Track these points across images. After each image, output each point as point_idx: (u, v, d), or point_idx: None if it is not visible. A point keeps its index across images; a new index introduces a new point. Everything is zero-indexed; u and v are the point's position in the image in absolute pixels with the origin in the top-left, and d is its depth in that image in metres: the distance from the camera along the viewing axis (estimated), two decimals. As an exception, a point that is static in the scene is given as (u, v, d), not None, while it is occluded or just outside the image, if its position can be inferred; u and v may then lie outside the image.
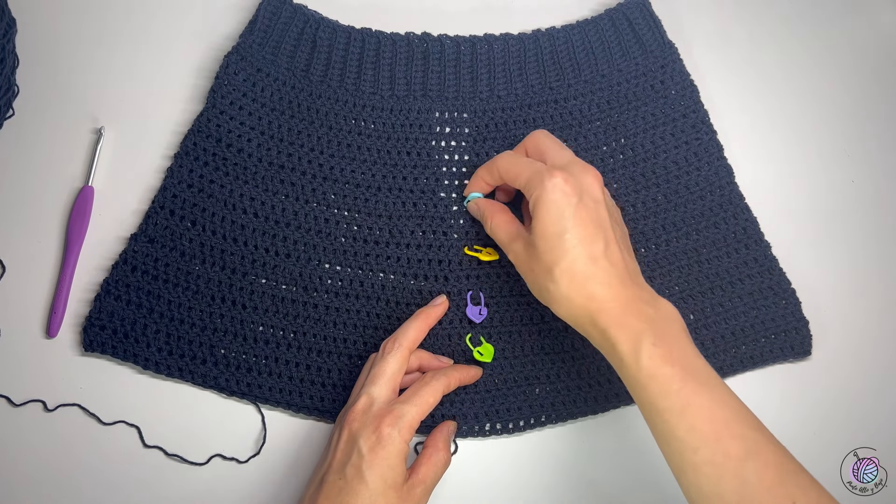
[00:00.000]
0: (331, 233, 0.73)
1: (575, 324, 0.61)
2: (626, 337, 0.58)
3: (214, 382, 0.70)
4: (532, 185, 0.62)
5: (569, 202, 0.60)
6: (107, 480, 0.69)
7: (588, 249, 0.60)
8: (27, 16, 0.79)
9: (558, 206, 0.60)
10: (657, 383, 0.56)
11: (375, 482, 0.59)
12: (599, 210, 0.62)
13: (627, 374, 0.58)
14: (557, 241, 0.60)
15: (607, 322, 0.58)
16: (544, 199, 0.61)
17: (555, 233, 0.60)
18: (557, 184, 0.61)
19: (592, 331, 0.60)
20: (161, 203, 0.72)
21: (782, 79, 0.82)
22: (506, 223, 0.66)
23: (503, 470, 0.71)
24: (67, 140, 0.77)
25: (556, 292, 0.60)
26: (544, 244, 0.60)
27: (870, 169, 0.79)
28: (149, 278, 0.71)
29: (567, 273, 0.59)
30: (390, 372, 0.65)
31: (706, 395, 0.56)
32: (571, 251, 0.59)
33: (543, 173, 0.62)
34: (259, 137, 0.74)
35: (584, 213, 0.61)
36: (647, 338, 0.57)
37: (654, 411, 0.57)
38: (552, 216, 0.60)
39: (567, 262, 0.59)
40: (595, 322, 0.59)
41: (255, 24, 0.75)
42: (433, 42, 0.76)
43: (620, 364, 0.58)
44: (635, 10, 0.77)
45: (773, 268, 0.74)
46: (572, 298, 0.59)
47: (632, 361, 0.57)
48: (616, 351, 0.58)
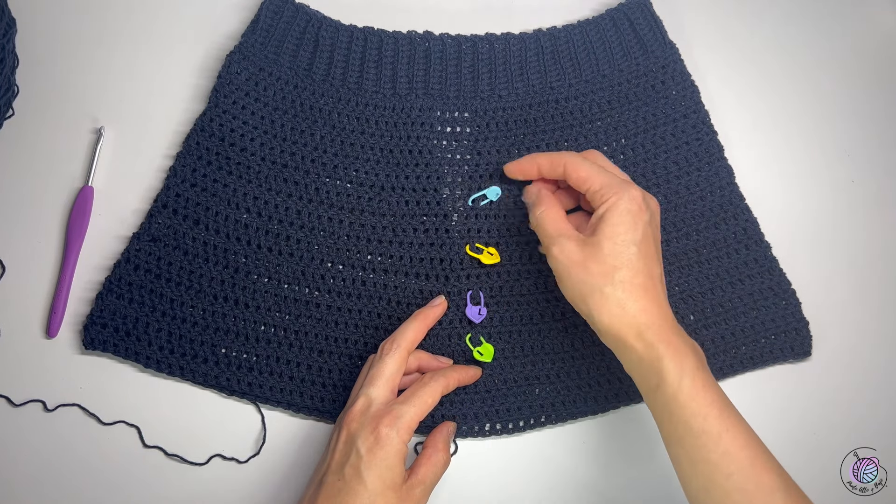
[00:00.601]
0: (333, 232, 0.73)
1: (616, 333, 0.60)
2: (673, 354, 0.58)
3: (215, 382, 0.70)
4: (608, 192, 0.62)
5: (642, 218, 0.61)
6: (107, 480, 0.69)
7: (650, 268, 0.61)
8: (27, 16, 0.79)
9: (633, 217, 0.61)
10: (697, 405, 0.57)
11: (374, 482, 0.59)
12: (658, 240, 0.64)
13: (666, 390, 0.58)
14: (625, 248, 0.60)
15: (657, 337, 0.59)
16: (621, 208, 0.61)
17: (625, 240, 0.60)
18: (636, 197, 0.62)
19: (636, 342, 0.59)
20: (164, 202, 0.72)
21: (783, 79, 0.82)
22: (559, 217, 0.65)
23: (503, 470, 0.71)
24: (67, 140, 0.77)
25: (613, 296, 0.60)
26: (611, 247, 0.60)
27: (870, 169, 0.80)
28: (151, 277, 0.71)
29: (629, 281, 0.60)
30: (388, 373, 0.65)
31: (740, 428, 0.57)
32: (636, 263, 0.60)
33: (625, 184, 0.62)
34: (261, 136, 0.74)
35: (651, 235, 0.62)
36: (692, 360, 0.58)
37: (686, 432, 0.57)
38: (626, 224, 0.61)
39: (630, 271, 0.60)
40: (642, 334, 0.59)
41: (258, 23, 0.76)
42: (435, 41, 0.76)
43: (660, 380, 0.58)
44: (636, 10, 0.77)
45: (773, 268, 0.74)
46: (626, 306, 0.59)
47: (675, 379, 0.57)
48: (659, 366, 0.58)
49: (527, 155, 0.70)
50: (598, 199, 0.63)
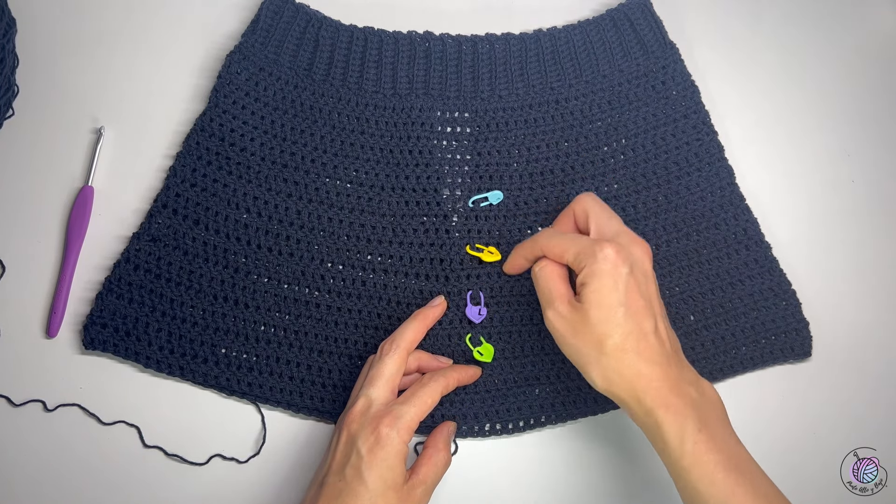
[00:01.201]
0: (333, 232, 0.73)
1: (616, 397, 0.60)
2: (672, 419, 0.57)
3: (215, 382, 0.70)
4: (582, 259, 0.61)
5: (620, 273, 0.60)
6: (107, 480, 0.69)
7: (640, 325, 0.59)
8: (27, 16, 0.79)
9: (612, 278, 0.59)
10: (700, 469, 0.56)
11: (375, 483, 0.59)
12: (649, 285, 0.62)
13: (670, 456, 0.57)
14: (611, 313, 0.59)
15: (654, 402, 0.58)
16: (597, 272, 0.60)
17: (608, 305, 0.59)
18: (609, 255, 0.60)
19: (636, 408, 0.59)
20: (164, 202, 0.72)
21: (783, 79, 0.82)
22: (556, 277, 0.64)
23: (503, 470, 0.71)
24: (67, 140, 0.77)
25: (606, 365, 0.59)
26: (597, 314, 0.59)
27: (870, 169, 0.80)
28: (151, 277, 0.71)
29: (619, 348, 0.59)
30: (388, 373, 0.65)
31: (749, 486, 0.56)
32: (624, 325, 0.59)
33: (594, 246, 0.61)
34: (262, 136, 0.74)
35: (635, 287, 0.60)
36: (692, 422, 0.57)
37: (695, 495, 0.57)
38: (606, 288, 0.59)
39: (620, 337, 0.59)
40: (641, 401, 0.58)
41: (258, 23, 0.76)
42: (435, 41, 0.76)
43: (664, 446, 0.58)
44: (636, 10, 0.77)
45: (773, 269, 0.74)
46: (621, 373, 0.59)
47: (676, 445, 0.57)
48: (661, 432, 0.57)
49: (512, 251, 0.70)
50: (577, 267, 0.62)
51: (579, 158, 0.75)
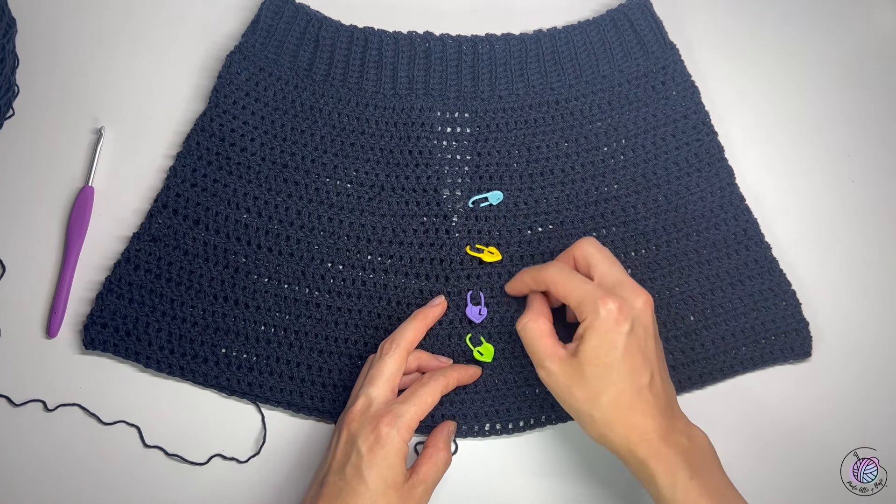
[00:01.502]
0: (333, 232, 0.73)
1: (610, 448, 0.61)
2: (664, 469, 0.58)
3: (215, 381, 0.70)
4: (584, 310, 0.61)
5: (621, 331, 0.60)
6: (107, 480, 0.69)
7: (636, 382, 0.60)
8: (27, 16, 0.79)
9: (611, 336, 0.60)
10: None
11: (375, 482, 0.59)
12: (648, 340, 0.62)
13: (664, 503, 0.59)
14: (606, 371, 0.59)
15: (646, 454, 0.58)
16: (597, 328, 0.60)
17: (605, 363, 0.60)
18: (611, 312, 0.60)
19: (630, 460, 0.60)
20: (164, 202, 0.72)
21: (783, 79, 0.82)
22: (542, 334, 0.64)
23: (503, 470, 0.71)
24: (67, 140, 0.77)
25: (600, 419, 0.60)
26: (592, 371, 0.60)
27: (870, 169, 0.80)
28: (151, 277, 0.71)
29: (613, 404, 0.59)
30: (388, 372, 0.65)
31: None
32: (619, 383, 0.59)
33: (598, 300, 0.60)
34: (262, 136, 0.74)
35: (635, 345, 0.60)
36: (683, 471, 0.58)
37: None
38: (604, 347, 0.60)
39: (614, 393, 0.59)
40: (634, 453, 0.59)
41: (258, 23, 0.76)
42: (435, 41, 0.76)
43: (658, 495, 0.59)
44: (636, 11, 0.77)
45: (773, 269, 0.74)
46: (614, 427, 0.59)
47: (669, 495, 0.58)
48: (654, 482, 0.58)
49: (518, 273, 0.69)
50: (578, 314, 0.62)
51: (579, 159, 0.75)
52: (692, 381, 0.71)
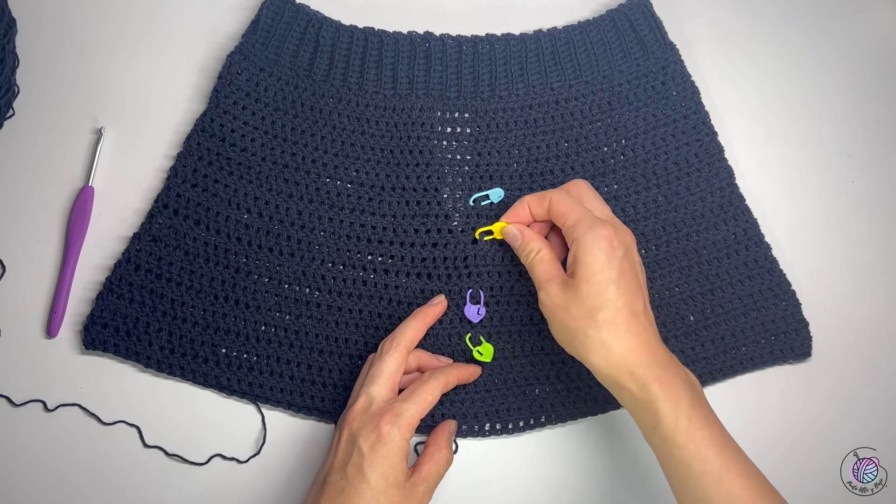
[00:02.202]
0: (333, 232, 0.73)
1: (608, 374, 0.60)
2: (667, 394, 0.58)
3: (216, 381, 0.70)
4: (580, 228, 0.62)
5: (615, 255, 0.60)
6: (107, 480, 0.69)
7: (631, 304, 0.60)
8: (27, 16, 0.79)
9: (607, 256, 0.60)
10: (696, 445, 0.57)
11: (377, 480, 0.59)
12: (638, 271, 0.63)
13: (663, 432, 0.58)
14: (603, 287, 0.60)
15: (648, 376, 0.58)
16: (592, 246, 0.60)
17: (601, 280, 0.60)
18: (606, 234, 0.61)
19: (629, 383, 0.59)
20: (164, 202, 0.72)
21: (783, 79, 0.82)
22: (550, 260, 0.65)
23: (503, 470, 0.71)
24: (67, 140, 0.77)
25: (596, 338, 0.59)
26: (589, 288, 0.60)
27: (870, 169, 0.80)
28: (152, 277, 0.71)
29: (610, 322, 0.59)
30: (388, 371, 0.65)
31: (739, 465, 0.57)
32: (616, 301, 0.59)
33: (594, 220, 0.62)
34: (262, 137, 0.74)
35: (628, 268, 0.61)
36: (686, 399, 0.58)
37: (687, 473, 0.57)
38: (600, 263, 0.60)
39: (611, 311, 0.59)
40: (634, 374, 0.58)
41: (258, 23, 0.76)
42: (435, 42, 0.76)
43: (657, 422, 0.58)
44: (636, 11, 0.78)
45: (773, 269, 0.74)
46: (612, 347, 0.59)
47: (671, 420, 0.57)
48: (654, 407, 0.58)
49: (517, 201, 0.69)
50: (570, 234, 0.63)
51: (579, 159, 0.75)
52: (692, 381, 0.72)
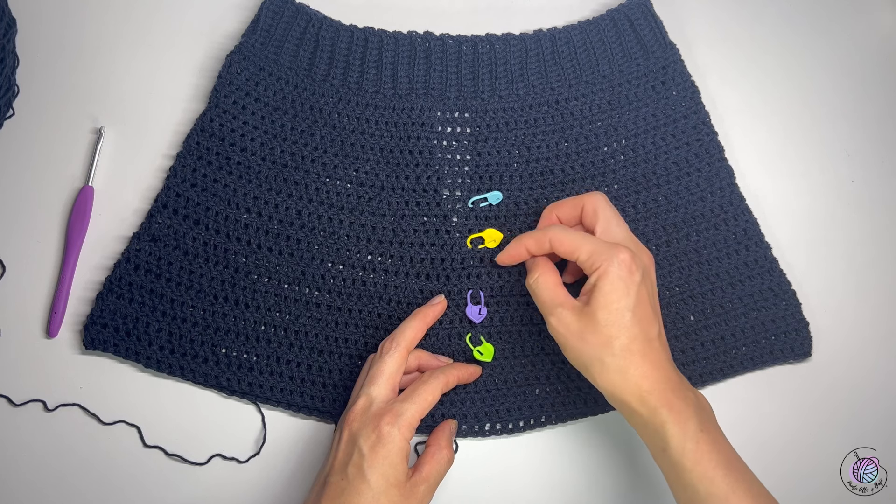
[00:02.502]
0: (333, 232, 0.73)
1: (620, 399, 0.61)
2: (675, 418, 0.58)
3: (216, 381, 0.70)
4: (597, 260, 0.62)
5: (633, 280, 0.61)
6: (107, 480, 0.69)
7: (647, 330, 0.61)
8: (27, 16, 0.79)
9: (625, 283, 0.60)
10: (703, 468, 0.58)
11: (377, 481, 0.59)
12: (654, 294, 0.63)
13: (671, 455, 0.58)
14: (620, 316, 0.60)
15: (658, 402, 0.59)
16: (611, 275, 0.61)
17: (619, 308, 0.60)
18: (625, 261, 0.61)
19: (640, 408, 0.60)
20: (164, 202, 0.72)
21: (783, 79, 0.82)
22: (554, 285, 0.65)
23: (503, 470, 0.71)
24: (67, 140, 0.77)
25: (612, 365, 0.60)
26: (606, 316, 0.60)
27: (870, 169, 0.80)
28: (151, 277, 0.70)
29: (626, 349, 0.60)
30: (388, 371, 0.65)
31: (746, 486, 0.58)
32: (632, 328, 0.60)
33: (611, 249, 0.62)
34: (262, 136, 0.74)
35: (646, 295, 0.62)
36: (694, 423, 0.59)
37: (694, 495, 0.58)
38: (618, 292, 0.60)
39: (627, 338, 0.60)
40: (645, 401, 0.59)
41: (258, 23, 0.76)
42: (435, 41, 0.76)
43: (665, 445, 0.59)
44: (637, 11, 0.78)
45: (773, 269, 0.74)
46: (626, 374, 0.60)
47: (678, 444, 0.58)
48: (664, 431, 0.58)
49: (513, 239, 0.69)
50: (588, 267, 0.62)
51: (579, 159, 0.75)
52: (692, 381, 0.71)
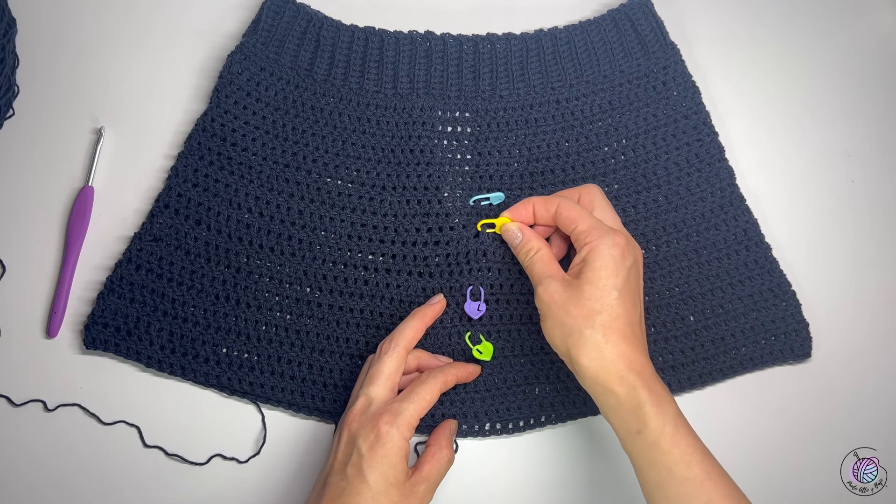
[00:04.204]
0: (334, 231, 0.73)
1: (595, 375, 0.60)
2: (655, 399, 0.58)
3: (216, 381, 0.70)
4: (591, 235, 0.62)
5: (624, 264, 0.61)
6: (107, 480, 0.69)
7: (630, 313, 0.61)
8: (27, 16, 0.79)
9: (615, 262, 0.61)
10: (680, 451, 0.57)
11: (377, 480, 0.59)
12: (641, 286, 0.64)
13: (648, 436, 0.58)
14: (606, 293, 0.60)
15: (637, 381, 0.59)
16: (603, 252, 0.61)
17: (606, 285, 0.60)
18: (619, 243, 0.62)
19: (617, 386, 0.59)
20: (165, 202, 0.72)
21: (783, 79, 0.83)
22: (549, 258, 0.65)
23: (503, 470, 0.71)
24: (67, 140, 0.77)
25: (592, 338, 0.60)
26: (593, 290, 0.60)
27: (870, 169, 0.80)
28: (153, 276, 0.70)
29: (607, 325, 0.60)
30: (387, 371, 0.65)
31: (721, 474, 0.58)
32: (616, 307, 0.60)
33: (607, 228, 0.63)
34: (263, 136, 0.74)
35: (634, 281, 0.62)
36: (673, 407, 0.59)
37: (669, 477, 0.57)
38: (609, 269, 0.61)
39: (610, 316, 0.60)
40: (624, 378, 0.59)
41: (259, 23, 0.76)
42: (436, 41, 0.76)
43: (643, 425, 0.58)
44: (637, 11, 0.78)
45: (773, 270, 0.74)
46: (604, 350, 0.59)
47: (658, 425, 0.58)
48: (642, 411, 0.58)
49: (522, 200, 0.69)
50: (581, 239, 0.63)
51: (580, 158, 0.75)
52: (692, 381, 0.72)
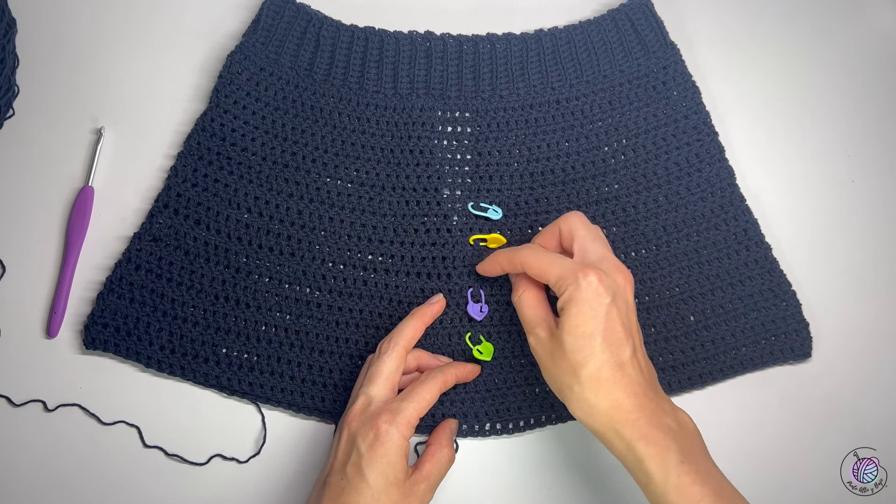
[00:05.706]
0: (334, 231, 0.73)
1: (595, 430, 0.59)
2: (654, 452, 0.56)
3: (216, 381, 0.70)
4: (564, 283, 0.59)
5: (601, 302, 0.58)
6: (107, 480, 0.69)
7: (616, 355, 0.58)
8: (27, 16, 0.79)
9: (591, 306, 0.58)
10: (687, 501, 0.55)
11: (377, 480, 0.59)
12: (630, 314, 0.60)
13: (655, 490, 0.56)
14: (587, 341, 0.58)
15: (633, 435, 0.57)
16: (577, 298, 0.58)
17: (584, 333, 0.58)
18: (592, 283, 0.58)
19: (616, 441, 0.57)
20: (165, 202, 0.72)
21: (783, 79, 0.83)
22: (537, 303, 0.64)
23: (503, 470, 0.71)
24: (67, 140, 0.77)
25: (581, 394, 0.58)
26: (573, 342, 0.58)
27: (870, 169, 0.80)
28: (152, 276, 0.70)
29: (594, 378, 0.58)
30: (387, 371, 0.65)
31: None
32: (600, 355, 0.58)
33: (577, 272, 0.59)
34: (263, 136, 0.74)
35: (616, 316, 0.59)
36: (674, 454, 0.56)
37: None
38: (584, 315, 0.58)
39: (594, 366, 0.58)
40: (620, 433, 0.57)
41: (258, 23, 0.76)
42: (436, 41, 0.76)
43: (648, 480, 0.56)
44: (637, 11, 0.78)
45: (773, 270, 0.74)
46: (596, 404, 0.57)
47: (660, 479, 0.56)
48: (643, 466, 0.56)
49: (492, 254, 0.68)
50: (558, 290, 0.60)
51: (580, 159, 0.75)
52: (692, 381, 0.71)
